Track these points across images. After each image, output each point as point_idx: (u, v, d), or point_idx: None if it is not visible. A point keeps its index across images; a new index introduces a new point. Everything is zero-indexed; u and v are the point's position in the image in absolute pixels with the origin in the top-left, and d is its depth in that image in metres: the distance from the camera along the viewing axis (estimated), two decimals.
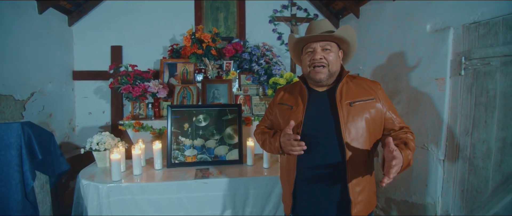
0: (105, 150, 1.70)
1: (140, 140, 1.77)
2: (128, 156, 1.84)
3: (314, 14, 3.22)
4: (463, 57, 1.72)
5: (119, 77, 2.35)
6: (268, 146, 1.19)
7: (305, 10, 3.21)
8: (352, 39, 1.12)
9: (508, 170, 1.50)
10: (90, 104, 2.96)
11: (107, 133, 1.80)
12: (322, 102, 1.11)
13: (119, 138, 1.85)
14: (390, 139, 0.90)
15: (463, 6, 1.72)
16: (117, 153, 1.47)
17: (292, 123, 1.04)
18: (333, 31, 1.08)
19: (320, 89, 1.15)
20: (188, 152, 1.77)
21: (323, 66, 1.07)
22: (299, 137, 1.01)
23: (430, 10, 1.97)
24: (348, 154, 1.02)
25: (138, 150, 1.56)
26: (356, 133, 1.03)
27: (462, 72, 1.73)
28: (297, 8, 3.19)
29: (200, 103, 2.47)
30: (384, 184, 0.84)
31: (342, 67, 1.17)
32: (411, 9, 2.16)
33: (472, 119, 1.69)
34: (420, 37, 2.04)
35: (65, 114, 2.76)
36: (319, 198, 1.08)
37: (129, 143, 2.03)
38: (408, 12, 2.19)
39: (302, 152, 1.02)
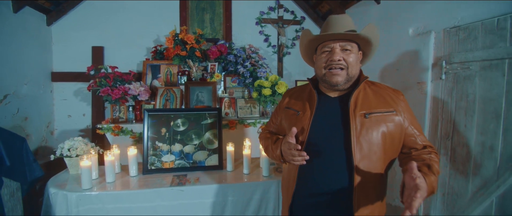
0: (77, 156, 1.62)
1: (115, 145, 1.70)
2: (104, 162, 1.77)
3: (301, 17, 3.20)
4: (444, 61, 1.72)
5: (97, 79, 2.27)
6: (270, 153, 1.10)
7: (292, 12, 3.19)
8: (376, 40, 0.99)
9: (487, 175, 1.50)
10: (70, 107, 2.86)
11: (80, 138, 1.73)
12: (333, 110, 0.98)
13: (93, 143, 1.78)
14: (414, 164, 0.77)
15: (444, 11, 1.73)
16: (88, 160, 1.40)
17: (294, 130, 0.95)
18: (355, 30, 0.95)
19: (333, 95, 1.01)
20: (165, 158, 1.71)
21: (342, 68, 0.94)
22: (300, 147, 0.92)
23: (412, 14, 1.98)
24: (358, 172, 0.89)
25: (111, 156, 1.49)
26: (369, 149, 0.90)
27: (443, 76, 1.73)
28: (284, 10, 3.17)
29: (183, 106, 2.41)
30: None
31: (360, 72, 1.03)
32: (394, 13, 2.16)
33: (452, 123, 1.69)
34: (403, 40, 2.05)
35: (42, 117, 2.65)
36: None
37: (109, 148, 1.96)
38: (392, 16, 2.19)
39: (304, 162, 0.92)
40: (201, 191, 1.48)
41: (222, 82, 2.69)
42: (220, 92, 2.63)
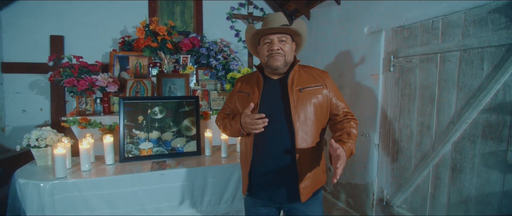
0: (46, 146, 1.55)
1: (88, 135, 1.65)
2: (74, 153, 1.70)
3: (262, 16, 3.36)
4: (392, 56, 2.02)
5: (61, 70, 2.14)
6: (229, 129, 1.27)
7: (262, 9, 3.33)
8: (304, 32, 1.25)
9: (425, 149, 1.82)
10: (24, 101, 2.63)
11: (49, 127, 1.64)
12: (275, 89, 1.21)
13: (62, 134, 1.70)
14: (332, 141, 1.01)
15: (392, 12, 2.02)
16: (62, 148, 1.36)
17: (252, 104, 1.15)
18: (288, 25, 1.19)
19: (275, 78, 1.24)
20: (143, 145, 1.71)
21: (280, 55, 1.17)
22: (263, 115, 1.11)
23: (367, 15, 2.26)
24: (298, 134, 1.12)
25: (86, 144, 1.46)
26: (305, 116, 1.14)
27: (391, 69, 2.03)
28: (254, 7, 3.29)
29: None
30: (335, 182, 0.95)
31: (294, 57, 1.28)
32: (352, 13, 2.44)
33: (399, 108, 2.00)
34: (360, 38, 2.33)
35: None
36: (272, 177, 1.18)
37: (76, 141, 1.88)
38: (350, 16, 2.46)
39: (263, 129, 1.12)
40: (181, 174, 1.53)
41: (195, 75, 2.73)
42: (192, 84, 2.66)
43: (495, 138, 1.44)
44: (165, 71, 2.57)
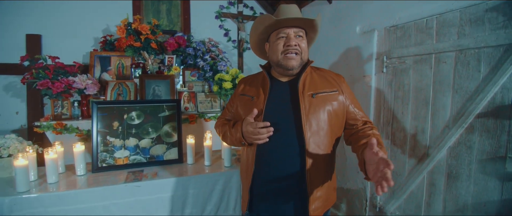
0: (9, 156, 1.41)
1: (58, 142, 1.52)
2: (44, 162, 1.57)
3: (260, 13, 3.26)
4: (384, 56, 1.93)
5: (34, 71, 2.00)
6: (229, 138, 1.12)
7: (252, 8, 3.23)
8: (319, 29, 1.10)
9: (419, 154, 1.73)
10: None
11: (14, 135, 1.51)
12: (284, 93, 1.05)
13: (30, 141, 1.56)
14: (375, 141, 0.84)
15: (385, 11, 1.94)
16: (23, 159, 1.23)
17: (255, 111, 0.99)
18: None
19: (283, 80, 1.09)
20: (118, 154, 1.58)
21: (296, 53, 1.02)
22: (268, 123, 0.96)
23: (359, 13, 2.17)
24: (309, 147, 0.97)
25: (52, 153, 1.33)
26: (317, 125, 0.98)
27: (384, 70, 1.94)
28: (244, 6, 3.19)
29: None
30: (385, 190, 0.74)
31: (307, 58, 1.12)
32: (344, 12, 2.35)
33: (392, 111, 1.92)
34: (352, 37, 2.24)
35: None
36: (277, 194, 1.02)
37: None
38: (342, 15, 2.37)
39: (267, 140, 0.97)
40: (159, 186, 1.41)
41: (181, 76, 2.60)
42: (178, 86, 2.54)
43: (493, 144, 1.36)
44: (149, 72, 2.44)
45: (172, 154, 1.71)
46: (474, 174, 1.44)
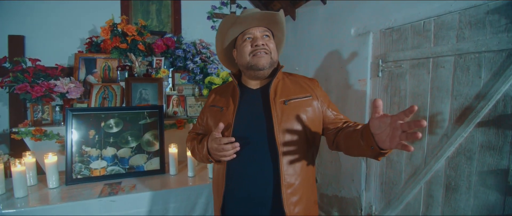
0: None
1: (29, 152, 1.42)
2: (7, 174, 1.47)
3: None
4: (380, 60, 1.84)
5: (10, 74, 1.90)
6: (198, 155, 1.04)
7: (245, 8, 3.14)
8: (284, 28, 1.04)
9: (416, 163, 1.64)
10: None
11: None
12: (255, 101, 0.98)
13: (1, 151, 1.46)
14: (380, 102, 0.71)
15: (380, 12, 1.85)
16: None
17: (221, 125, 0.91)
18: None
19: (255, 87, 1.03)
20: (95, 164, 1.48)
21: (266, 52, 0.96)
22: (233, 139, 0.88)
23: (354, 15, 2.08)
24: (283, 158, 0.90)
25: (20, 165, 1.23)
26: (291, 133, 0.92)
27: (380, 74, 1.85)
28: (237, 6, 3.10)
29: (124, 105, 2.17)
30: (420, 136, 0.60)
31: (278, 62, 1.05)
32: (338, 13, 2.26)
33: None
34: (346, 40, 2.15)
35: None
36: (250, 211, 0.94)
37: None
38: (336, 16, 2.28)
39: (234, 156, 0.90)
40: (137, 200, 1.31)
41: (170, 79, 2.51)
42: (167, 89, 2.45)
43: (495, 155, 1.27)
44: (136, 75, 2.34)
45: (154, 164, 1.60)
46: (474, 187, 1.36)
